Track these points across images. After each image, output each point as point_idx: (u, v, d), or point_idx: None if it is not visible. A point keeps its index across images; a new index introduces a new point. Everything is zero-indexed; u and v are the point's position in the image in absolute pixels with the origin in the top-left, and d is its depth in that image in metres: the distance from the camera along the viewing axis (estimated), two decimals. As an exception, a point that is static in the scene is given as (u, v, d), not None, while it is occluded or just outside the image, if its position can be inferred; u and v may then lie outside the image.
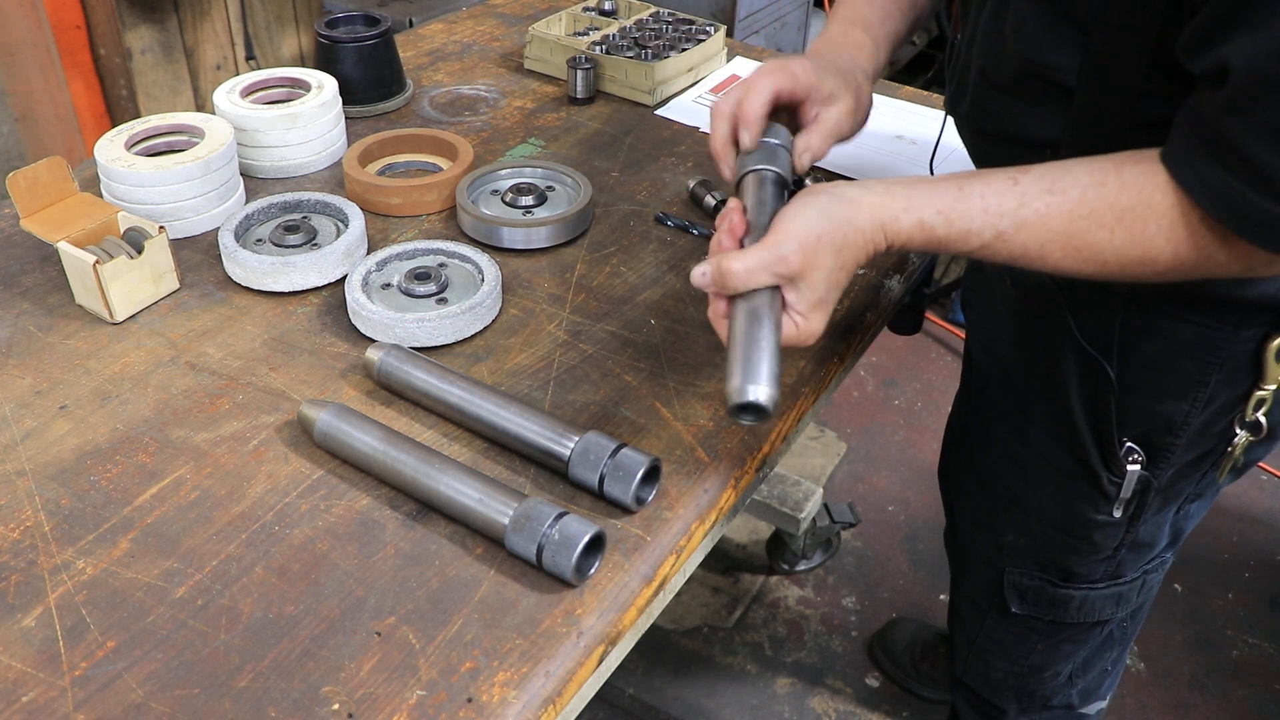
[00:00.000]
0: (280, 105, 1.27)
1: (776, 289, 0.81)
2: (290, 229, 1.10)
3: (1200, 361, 0.94)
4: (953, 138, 1.15)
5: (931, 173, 1.17)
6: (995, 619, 1.26)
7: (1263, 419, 0.97)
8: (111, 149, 1.13)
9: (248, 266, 1.05)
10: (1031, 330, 1.06)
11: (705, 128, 1.43)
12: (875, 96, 1.37)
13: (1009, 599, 1.21)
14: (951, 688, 1.46)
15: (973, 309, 1.23)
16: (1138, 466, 1.01)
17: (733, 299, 0.82)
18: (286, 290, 1.06)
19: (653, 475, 0.84)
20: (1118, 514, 1.06)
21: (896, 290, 1.14)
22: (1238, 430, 0.98)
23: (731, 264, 0.79)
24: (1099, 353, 0.97)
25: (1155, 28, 0.77)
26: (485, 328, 1.03)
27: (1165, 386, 0.97)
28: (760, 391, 0.75)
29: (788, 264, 0.79)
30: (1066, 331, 0.98)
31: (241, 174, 1.23)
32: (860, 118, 1.02)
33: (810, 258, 0.79)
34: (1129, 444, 1.01)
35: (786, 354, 0.92)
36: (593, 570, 0.78)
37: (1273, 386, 0.95)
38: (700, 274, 0.82)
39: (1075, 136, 0.86)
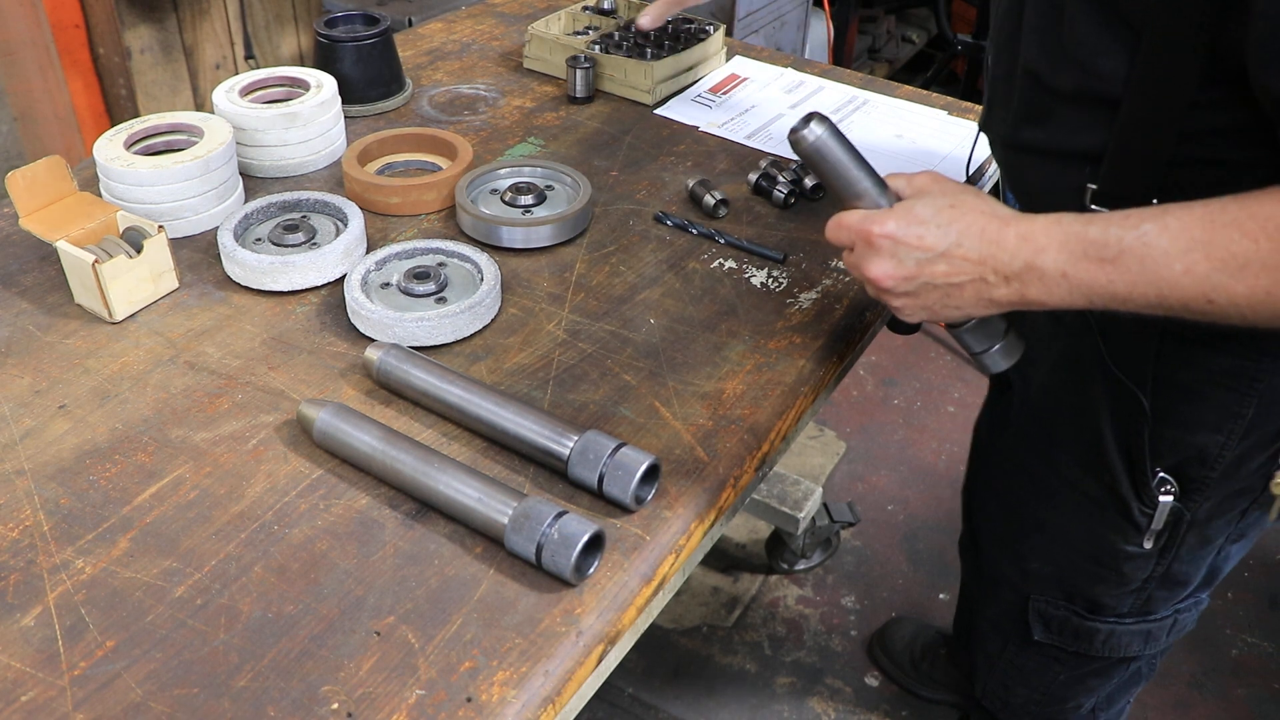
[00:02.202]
0: (279, 104, 1.27)
1: (895, 196, 0.86)
2: (289, 228, 1.10)
3: (1237, 392, 0.91)
4: (959, 147, 1.14)
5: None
6: (1018, 645, 1.24)
7: None
8: (110, 148, 1.13)
9: (247, 266, 1.05)
10: (1063, 356, 1.04)
11: (704, 127, 1.43)
12: (874, 96, 1.37)
13: (1033, 626, 1.18)
14: (971, 709, 1.45)
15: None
16: (1170, 498, 0.98)
17: None
18: (286, 290, 1.06)
19: (652, 474, 0.84)
20: (1148, 545, 1.03)
21: (896, 289, 1.14)
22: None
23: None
24: (1132, 381, 0.94)
25: (1209, 29, 0.73)
26: (484, 327, 1.03)
27: (1200, 417, 0.94)
28: (823, 117, 0.84)
29: (913, 178, 0.84)
30: (1098, 358, 0.96)
31: (240, 173, 1.23)
32: None
33: (939, 180, 0.83)
34: (1161, 474, 0.98)
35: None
36: (592, 569, 0.78)
37: None
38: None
39: (1119, 146, 0.83)
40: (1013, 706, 1.31)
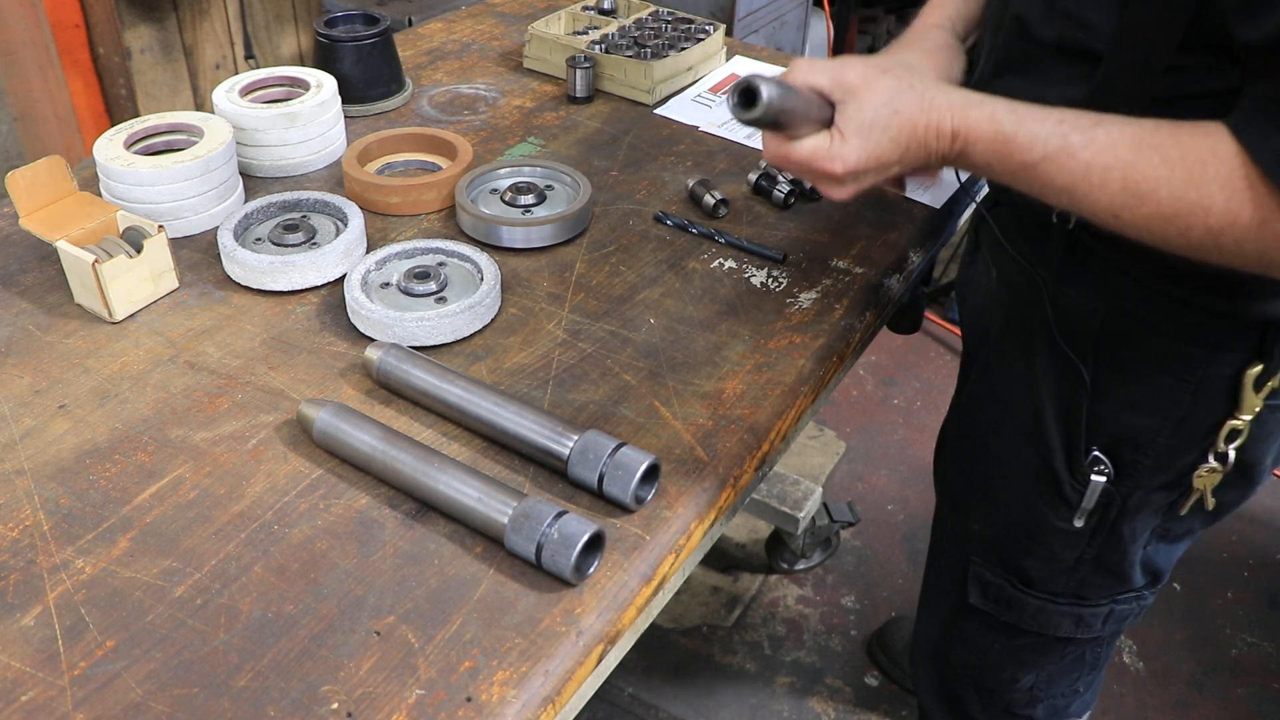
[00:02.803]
0: (279, 104, 1.27)
1: (828, 104, 0.84)
2: (289, 228, 1.10)
3: (1175, 377, 0.92)
4: None
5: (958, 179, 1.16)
6: (957, 608, 1.24)
7: (1232, 452, 0.94)
8: (110, 148, 1.13)
9: (247, 265, 1.05)
10: (1014, 323, 1.04)
11: (704, 126, 1.43)
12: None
13: (971, 590, 1.19)
14: (912, 667, 1.45)
15: (965, 302, 1.22)
16: (1103, 479, 0.99)
17: None
18: (285, 289, 1.06)
19: (652, 474, 0.84)
20: (1078, 524, 1.03)
21: (896, 289, 1.14)
22: (1211, 460, 0.95)
23: (795, 63, 0.84)
24: (1075, 353, 0.95)
25: None
26: (484, 327, 1.03)
27: (1137, 399, 0.95)
28: (758, 81, 0.78)
29: (845, 72, 0.82)
30: (1045, 327, 0.97)
31: (240, 173, 1.23)
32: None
33: (870, 80, 0.82)
34: (1096, 453, 0.99)
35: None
36: (592, 569, 0.78)
37: (1247, 418, 0.91)
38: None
39: (1094, 102, 0.83)
40: (953, 667, 1.32)
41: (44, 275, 1.08)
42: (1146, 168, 0.75)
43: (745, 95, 0.79)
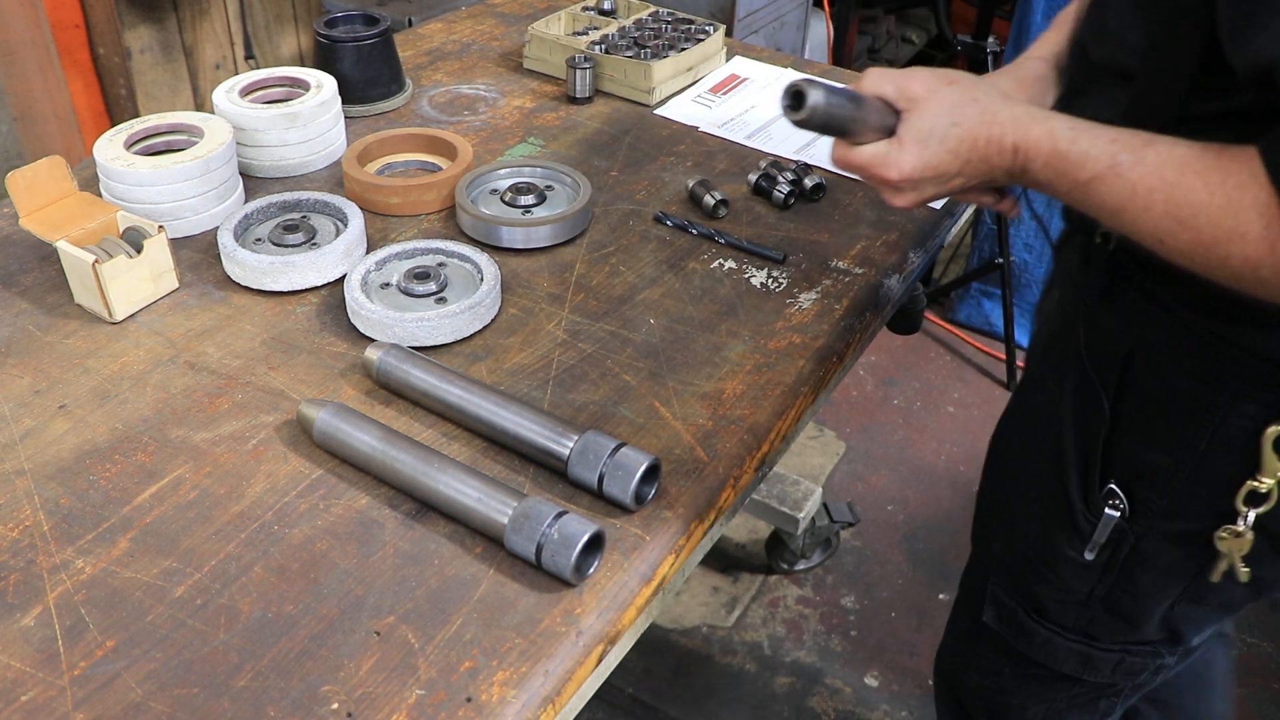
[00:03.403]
0: (279, 105, 1.27)
1: (894, 112, 0.86)
2: (289, 228, 1.10)
3: (1193, 419, 0.89)
4: None
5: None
6: (976, 625, 1.23)
7: (1252, 515, 0.89)
8: (110, 148, 1.13)
9: (247, 266, 1.05)
10: (1055, 345, 1.03)
11: (704, 127, 1.43)
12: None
13: (986, 609, 1.18)
14: (934, 680, 1.45)
15: (1035, 324, 1.20)
16: (1116, 513, 0.96)
17: None
18: (285, 290, 1.06)
19: (652, 474, 0.84)
20: (1089, 556, 1.01)
21: (896, 290, 1.14)
22: (1238, 523, 0.90)
23: (867, 72, 0.86)
24: (1100, 380, 0.94)
25: (1208, 4, 0.73)
26: (484, 327, 1.03)
27: (1155, 435, 0.92)
28: (807, 84, 0.81)
29: (911, 83, 0.84)
30: (1075, 348, 0.96)
31: (240, 173, 1.23)
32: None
33: (934, 90, 0.84)
34: (1112, 486, 0.97)
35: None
36: (592, 569, 0.78)
37: (1269, 481, 0.87)
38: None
39: (1129, 125, 0.83)
40: (967, 686, 1.31)
41: (44, 275, 1.08)
42: (1189, 192, 0.74)
43: (795, 96, 0.82)
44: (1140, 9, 0.82)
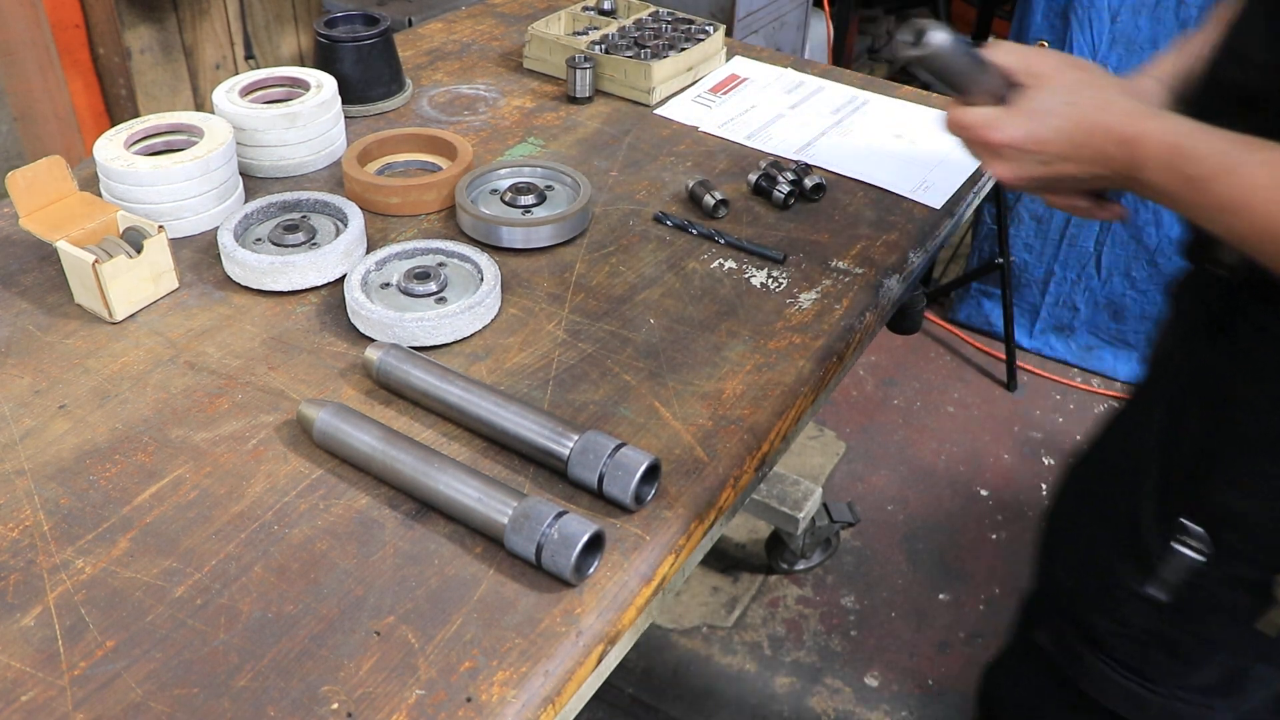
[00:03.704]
0: (279, 104, 1.27)
1: (1012, 85, 0.84)
2: (289, 228, 1.10)
3: (1277, 464, 0.86)
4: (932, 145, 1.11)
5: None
6: (1027, 641, 1.18)
7: None
8: (110, 148, 1.13)
9: (247, 266, 1.05)
10: (1157, 369, 1.01)
11: (704, 127, 1.43)
12: (874, 96, 1.35)
13: (1040, 630, 1.14)
14: (977, 694, 1.41)
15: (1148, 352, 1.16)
16: (1193, 553, 0.92)
17: None
18: (286, 290, 1.06)
19: (652, 474, 0.84)
20: (1151, 591, 0.96)
21: (896, 290, 1.14)
22: None
23: (997, 42, 0.85)
24: (1200, 415, 0.90)
25: None
26: (484, 327, 1.03)
27: (1249, 477, 0.89)
28: (932, 24, 0.80)
29: (1037, 60, 0.83)
30: (1177, 378, 0.93)
31: (240, 173, 1.23)
32: None
33: (1058, 70, 0.82)
34: (1186, 522, 0.92)
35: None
36: (592, 569, 0.78)
37: None
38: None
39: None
40: (1016, 701, 1.29)
41: (44, 275, 1.08)
42: None
43: (916, 33, 0.81)
44: (1273, 31, 0.80)
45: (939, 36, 0.80)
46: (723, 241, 1.17)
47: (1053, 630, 1.13)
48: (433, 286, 1.03)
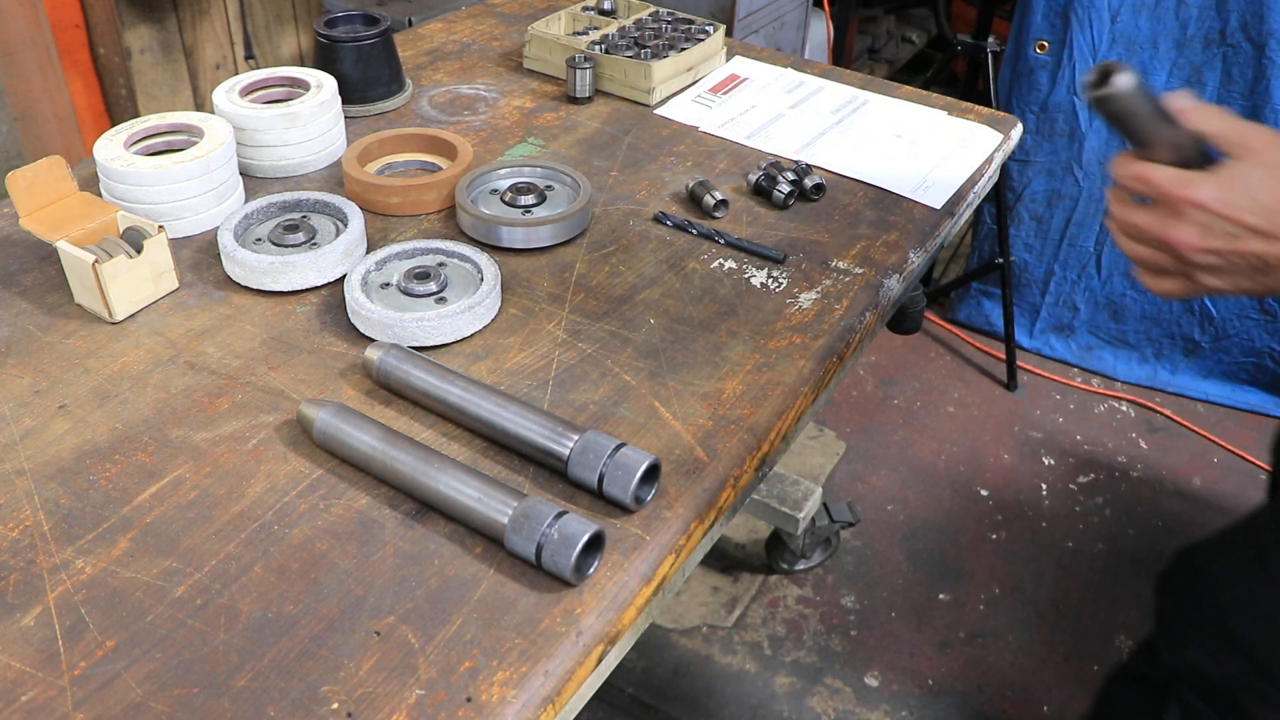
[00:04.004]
0: (279, 104, 1.27)
1: (1204, 153, 0.77)
2: (289, 228, 1.10)
3: None
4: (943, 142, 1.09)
5: None
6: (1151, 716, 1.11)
7: None
8: (110, 148, 1.13)
9: (247, 266, 1.05)
10: None
11: (704, 127, 1.43)
12: (874, 96, 1.34)
13: (1171, 709, 1.06)
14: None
15: None
16: None
17: None
18: (286, 290, 1.06)
19: (652, 474, 0.84)
20: None
21: (896, 290, 1.14)
22: None
23: (1199, 105, 0.76)
24: None
25: None
26: (484, 327, 1.03)
27: None
28: (1121, 67, 0.73)
29: (1248, 132, 0.74)
30: None
31: (240, 173, 1.23)
32: None
33: (1274, 145, 0.74)
34: None
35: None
36: (592, 570, 0.78)
37: None
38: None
39: None
40: None
41: (44, 275, 1.08)
42: None
43: (1102, 73, 0.74)
44: None
45: (1126, 79, 0.73)
46: (723, 241, 1.17)
47: (1188, 712, 1.05)
48: (433, 286, 1.03)
